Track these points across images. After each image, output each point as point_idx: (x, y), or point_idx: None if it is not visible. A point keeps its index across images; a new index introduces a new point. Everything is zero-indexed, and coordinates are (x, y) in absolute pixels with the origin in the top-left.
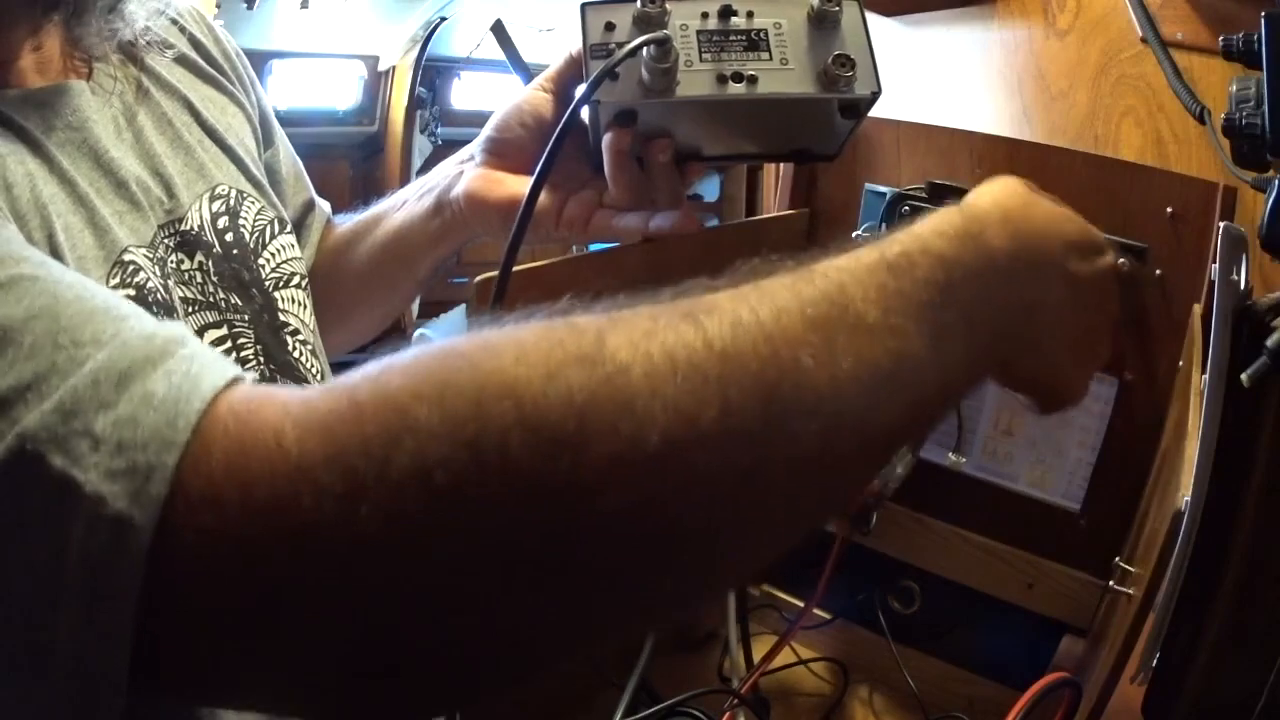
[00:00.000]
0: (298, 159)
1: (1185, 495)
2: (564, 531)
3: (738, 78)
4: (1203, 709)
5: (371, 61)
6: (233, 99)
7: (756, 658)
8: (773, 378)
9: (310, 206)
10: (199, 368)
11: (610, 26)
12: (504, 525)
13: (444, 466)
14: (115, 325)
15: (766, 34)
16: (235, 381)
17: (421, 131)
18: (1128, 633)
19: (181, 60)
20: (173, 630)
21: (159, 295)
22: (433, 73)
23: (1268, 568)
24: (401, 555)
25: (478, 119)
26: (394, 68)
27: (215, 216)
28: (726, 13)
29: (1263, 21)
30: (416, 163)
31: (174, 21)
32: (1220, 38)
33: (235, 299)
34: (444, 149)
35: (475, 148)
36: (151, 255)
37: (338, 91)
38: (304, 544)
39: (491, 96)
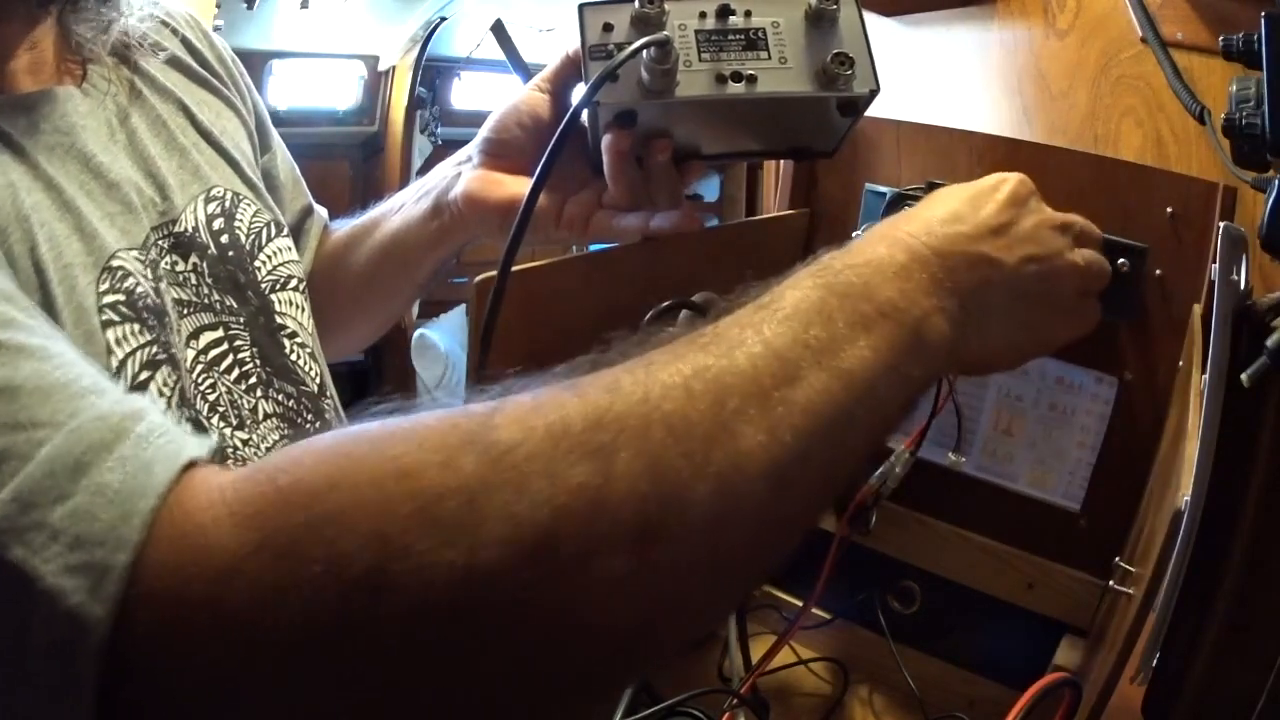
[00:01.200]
0: (294, 165)
1: (1185, 495)
2: (473, 613)
3: (737, 77)
4: (1203, 709)
5: (371, 61)
6: (228, 103)
7: (756, 658)
8: (658, 437)
9: (308, 212)
10: (152, 452)
11: (608, 27)
12: (414, 613)
13: (354, 558)
14: (72, 405)
15: (764, 33)
16: (187, 467)
17: (421, 131)
18: (1128, 633)
19: (175, 64)
20: (131, 714)
21: (149, 300)
22: (433, 73)
23: (1268, 568)
24: (327, 645)
25: (478, 119)
26: (394, 68)
27: (210, 218)
28: (724, 12)
29: (1263, 21)
30: (416, 163)
31: (167, 25)
32: (1220, 38)
33: (230, 301)
34: (444, 149)
35: (473, 149)
36: (143, 257)
37: (338, 91)
38: (241, 635)
39: (491, 96)
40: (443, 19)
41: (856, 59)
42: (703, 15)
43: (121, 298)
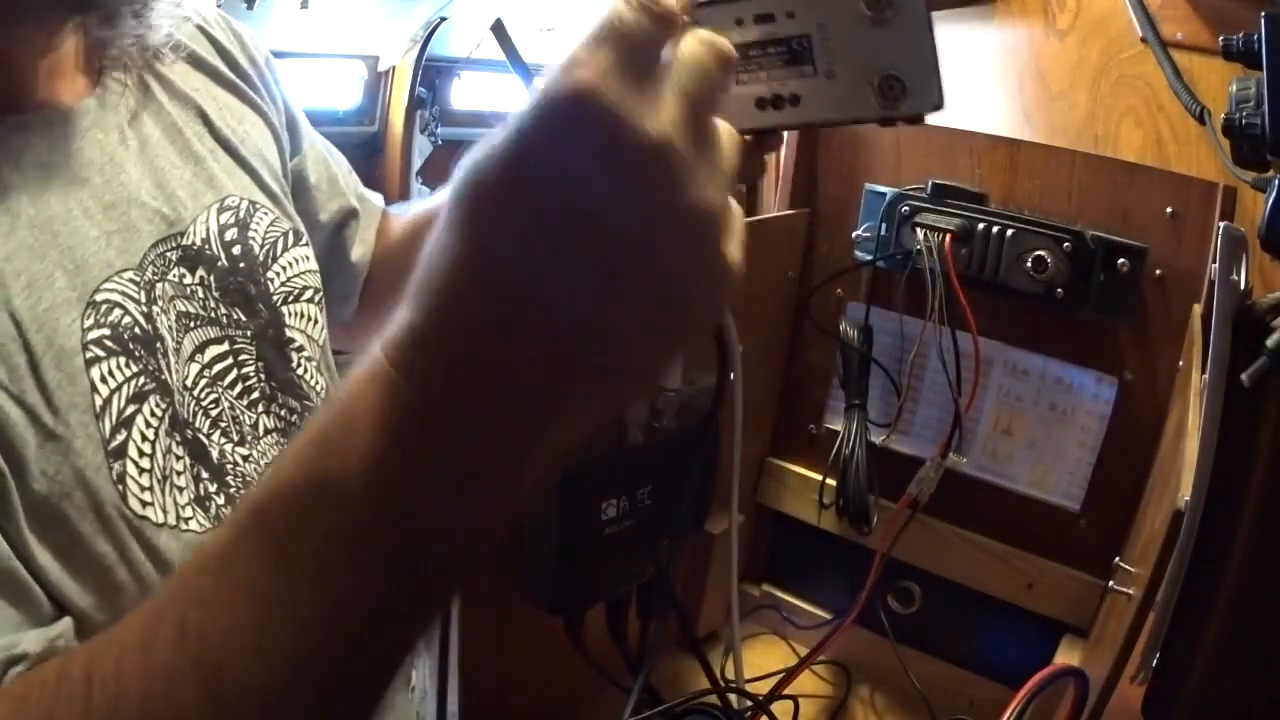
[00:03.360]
0: (338, 162)
1: (1185, 495)
2: None
3: (778, 102)
4: (1203, 709)
5: (371, 61)
6: (254, 107)
7: (757, 658)
8: None
9: (351, 213)
10: None
11: None
12: None
13: None
14: None
15: (810, 40)
16: None
17: (421, 131)
18: (1128, 633)
19: (200, 65)
20: None
21: (136, 330)
22: (433, 73)
23: (1268, 568)
24: None
25: (478, 119)
26: (394, 68)
27: (223, 229)
28: (763, 19)
29: (1262, 21)
30: (416, 163)
31: (200, 28)
32: (1220, 38)
33: (239, 314)
34: (444, 149)
35: None
36: (138, 278)
37: (338, 91)
38: None
39: (491, 96)
40: (443, 19)
41: (919, 70)
42: (739, 22)
43: (107, 332)
